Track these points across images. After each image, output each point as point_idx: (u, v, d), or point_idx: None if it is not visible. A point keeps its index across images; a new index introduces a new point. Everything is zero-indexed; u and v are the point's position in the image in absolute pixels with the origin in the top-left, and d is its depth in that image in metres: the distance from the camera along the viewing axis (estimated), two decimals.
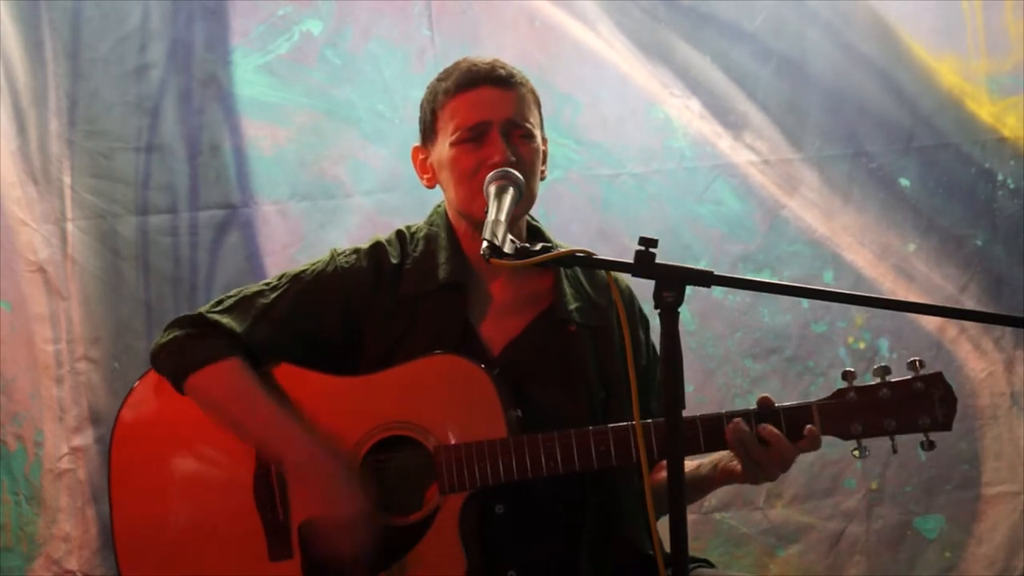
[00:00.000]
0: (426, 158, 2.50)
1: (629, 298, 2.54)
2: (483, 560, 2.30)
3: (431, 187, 2.51)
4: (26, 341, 3.58)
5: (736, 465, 2.30)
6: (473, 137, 2.38)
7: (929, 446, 2.21)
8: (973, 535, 3.58)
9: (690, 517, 1.94)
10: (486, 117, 2.38)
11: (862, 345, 3.60)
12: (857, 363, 3.54)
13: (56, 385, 3.58)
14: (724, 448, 2.28)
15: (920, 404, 2.22)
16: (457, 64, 2.46)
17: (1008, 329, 3.54)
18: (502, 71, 2.41)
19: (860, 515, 3.58)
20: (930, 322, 3.58)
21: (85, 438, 3.57)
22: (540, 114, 2.48)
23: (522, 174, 2.30)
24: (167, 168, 3.64)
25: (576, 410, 2.39)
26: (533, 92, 2.47)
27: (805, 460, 3.50)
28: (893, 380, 2.23)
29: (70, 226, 3.60)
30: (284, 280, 2.47)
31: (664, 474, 2.14)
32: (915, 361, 2.23)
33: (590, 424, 2.31)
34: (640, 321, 2.57)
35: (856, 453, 2.25)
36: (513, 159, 2.35)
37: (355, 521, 2.30)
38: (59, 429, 3.58)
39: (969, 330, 3.59)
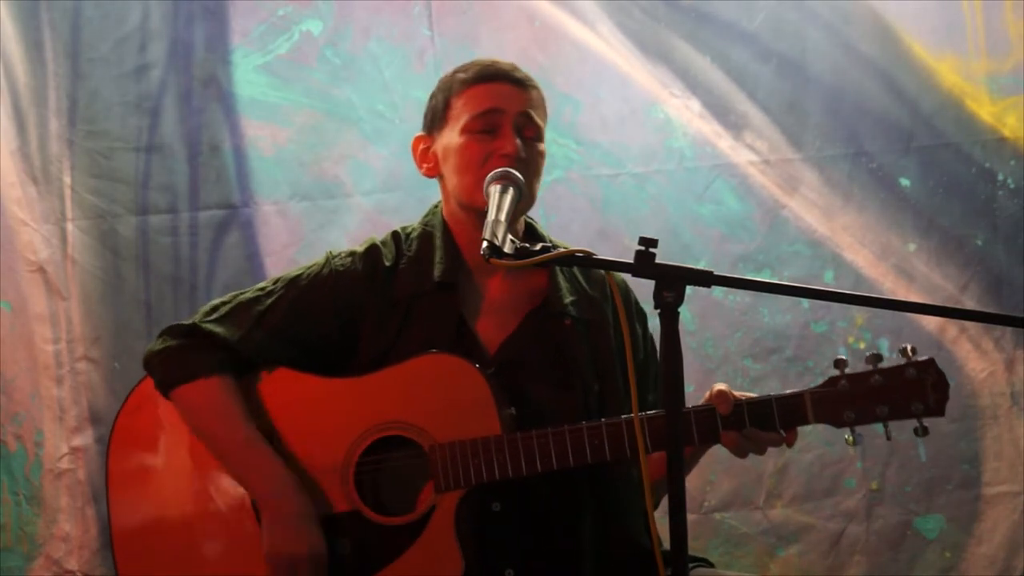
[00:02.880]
0: (428, 147, 2.49)
1: (625, 292, 2.54)
2: (480, 559, 2.30)
3: (430, 176, 2.50)
4: (26, 341, 3.58)
5: None
6: (485, 127, 2.39)
7: (923, 432, 2.21)
8: (973, 535, 3.57)
9: (690, 517, 1.94)
10: (501, 106, 2.40)
11: (862, 345, 3.60)
12: (857, 363, 3.53)
13: (56, 385, 3.58)
14: (718, 442, 2.28)
15: (912, 390, 2.21)
16: (477, 60, 2.49)
17: (1008, 329, 3.53)
18: (520, 73, 2.46)
19: (860, 515, 3.58)
20: (930, 322, 3.58)
21: (85, 438, 3.57)
22: (545, 122, 2.50)
23: (526, 173, 2.31)
24: (167, 168, 3.63)
25: (571, 404, 2.39)
26: (543, 101, 2.49)
27: (805, 460, 3.53)
28: (885, 367, 2.23)
29: (70, 226, 3.60)
30: (280, 285, 2.46)
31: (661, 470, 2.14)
32: (907, 348, 2.22)
33: (584, 418, 2.31)
34: (637, 315, 2.57)
35: (850, 439, 2.24)
36: (523, 154, 2.37)
37: (303, 564, 2.30)
38: (59, 429, 3.57)
39: (969, 330, 3.59)
